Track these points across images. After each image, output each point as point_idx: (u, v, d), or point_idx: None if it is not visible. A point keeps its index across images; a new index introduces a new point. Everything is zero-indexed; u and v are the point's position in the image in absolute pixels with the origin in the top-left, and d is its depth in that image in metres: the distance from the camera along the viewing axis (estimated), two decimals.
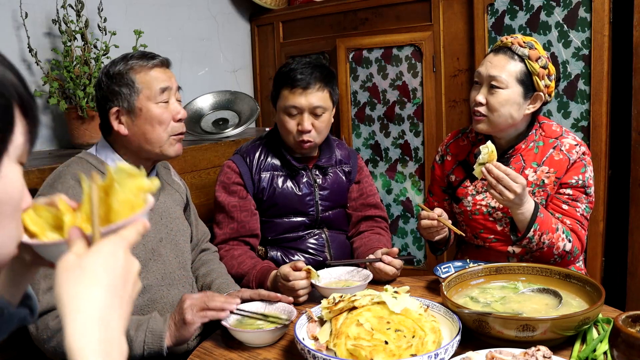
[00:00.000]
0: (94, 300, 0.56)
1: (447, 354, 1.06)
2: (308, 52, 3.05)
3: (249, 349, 1.25)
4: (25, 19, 2.19)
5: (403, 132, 2.78)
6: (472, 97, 1.64)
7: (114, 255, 0.60)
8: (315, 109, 1.74)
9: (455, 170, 1.76)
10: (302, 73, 1.72)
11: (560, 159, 1.61)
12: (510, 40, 1.59)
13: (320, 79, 1.74)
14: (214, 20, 3.11)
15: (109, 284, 0.58)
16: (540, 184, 1.62)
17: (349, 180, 1.94)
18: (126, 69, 1.44)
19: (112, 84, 1.43)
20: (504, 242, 1.67)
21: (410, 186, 2.80)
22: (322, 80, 1.74)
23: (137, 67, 1.44)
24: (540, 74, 1.56)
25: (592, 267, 2.31)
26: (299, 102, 1.73)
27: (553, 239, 1.53)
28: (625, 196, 2.23)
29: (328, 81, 1.77)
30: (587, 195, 1.62)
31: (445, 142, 1.83)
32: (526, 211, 1.51)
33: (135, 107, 1.43)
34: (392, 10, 2.75)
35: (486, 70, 1.59)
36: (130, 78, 1.43)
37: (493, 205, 1.66)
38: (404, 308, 1.18)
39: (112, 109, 1.43)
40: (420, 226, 1.63)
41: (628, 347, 0.96)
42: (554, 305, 1.26)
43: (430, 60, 2.63)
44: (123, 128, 1.44)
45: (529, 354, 1.03)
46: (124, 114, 1.44)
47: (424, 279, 1.60)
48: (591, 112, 2.25)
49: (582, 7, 2.22)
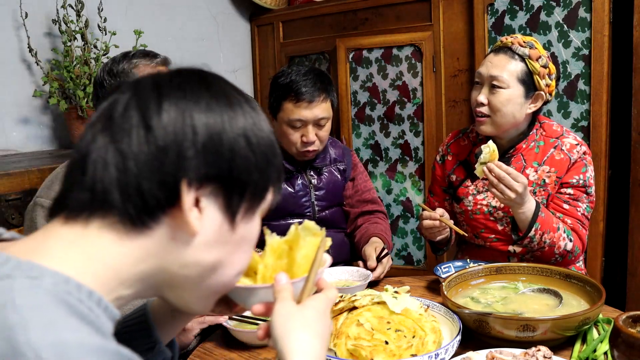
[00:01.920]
0: (313, 348, 0.67)
1: (447, 354, 1.06)
2: (308, 52, 3.05)
3: (249, 349, 1.25)
4: (25, 19, 2.19)
5: (403, 132, 2.78)
6: (473, 97, 1.64)
7: (325, 313, 0.71)
8: (320, 120, 1.75)
9: (456, 170, 1.76)
10: (305, 85, 1.71)
11: (561, 159, 1.61)
12: (511, 40, 1.59)
13: (323, 89, 1.74)
14: (214, 20, 3.11)
15: (322, 337, 0.69)
16: (541, 183, 1.62)
17: (344, 178, 1.94)
18: (130, 67, 1.42)
19: (115, 82, 1.42)
20: (504, 241, 1.67)
21: (410, 186, 2.80)
22: (324, 90, 1.74)
23: (142, 66, 1.43)
24: (541, 73, 1.57)
25: (592, 267, 2.31)
26: (305, 115, 1.72)
27: (554, 238, 1.53)
28: (625, 196, 2.23)
29: (330, 90, 1.77)
30: (588, 195, 1.62)
31: (445, 142, 1.83)
32: (527, 210, 1.51)
33: None
34: (392, 10, 2.75)
35: (487, 71, 1.59)
36: (135, 76, 1.41)
37: (494, 205, 1.66)
38: (404, 308, 1.18)
39: None
40: (422, 226, 1.63)
41: (628, 347, 0.96)
42: (555, 305, 1.26)
43: (430, 60, 2.63)
44: None
45: (530, 354, 1.03)
46: None
47: (424, 279, 1.60)
48: (591, 112, 2.25)
49: (582, 7, 2.22)
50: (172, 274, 0.63)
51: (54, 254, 0.56)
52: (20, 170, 1.79)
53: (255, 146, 0.62)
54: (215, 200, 0.61)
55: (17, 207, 1.77)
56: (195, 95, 0.60)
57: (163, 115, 0.58)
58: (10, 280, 0.51)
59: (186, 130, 0.58)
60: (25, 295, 0.50)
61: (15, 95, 2.26)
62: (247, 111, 0.63)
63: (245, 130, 0.62)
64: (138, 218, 0.57)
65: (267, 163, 0.64)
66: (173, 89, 0.60)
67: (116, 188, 0.57)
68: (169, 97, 0.59)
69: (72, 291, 0.53)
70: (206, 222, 0.61)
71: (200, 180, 0.59)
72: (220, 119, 0.60)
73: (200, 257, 0.62)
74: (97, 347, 0.49)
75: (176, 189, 0.58)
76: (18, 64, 2.27)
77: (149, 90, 0.59)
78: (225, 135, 0.60)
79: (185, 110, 0.58)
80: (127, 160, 0.57)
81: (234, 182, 0.61)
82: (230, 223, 0.63)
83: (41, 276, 0.52)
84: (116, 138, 0.57)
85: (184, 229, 0.59)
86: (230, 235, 0.63)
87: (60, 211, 0.60)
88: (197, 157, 0.58)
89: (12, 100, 2.26)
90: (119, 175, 0.57)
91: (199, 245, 0.61)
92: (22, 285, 0.50)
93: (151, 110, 0.58)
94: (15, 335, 0.46)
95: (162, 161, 0.57)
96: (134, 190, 0.57)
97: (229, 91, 0.63)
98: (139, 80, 0.62)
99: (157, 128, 0.57)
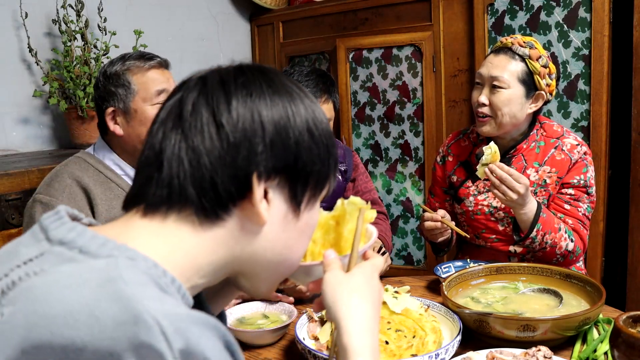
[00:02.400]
0: (364, 311, 0.70)
1: (447, 354, 1.06)
2: (308, 52, 3.05)
3: (249, 348, 1.25)
4: (25, 19, 2.19)
5: (403, 132, 2.78)
6: (474, 98, 1.64)
7: (372, 277, 0.75)
8: None
9: (456, 171, 1.76)
10: (307, 86, 1.70)
11: (562, 159, 1.61)
12: (511, 41, 1.60)
13: (325, 90, 1.73)
14: (214, 20, 3.11)
15: (372, 301, 0.72)
16: (542, 183, 1.62)
17: (345, 179, 1.94)
18: (123, 69, 1.42)
19: (108, 84, 1.42)
20: (505, 242, 1.67)
21: (410, 186, 2.80)
22: (326, 92, 1.74)
23: (134, 68, 1.43)
24: (542, 73, 1.57)
25: (592, 267, 2.31)
26: None
27: (556, 238, 1.54)
28: (625, 196, 2.23)
29: (332, 91, 1.76)
30: (589, 195, 1.62)
31: (446, 143, 1.84)
32: (529, 211, 1.51)
33: (131, 108, 1.41)
34: (392, 10, 2.75)
35: (487, 71, 1.59)
36: (127, 79, 1.41)
37: (495, 205, 1.66)
38: (404, 308, 1.18)
39: (108, 109, 1.42)
40: (423, 228, 1.63)
41: (629, 347, 0.96)
42: (555, 305, 1.26)
43: (430, 60, 2.63)
44: (118, 129, 1.43)
45: (530, 354, 1.03)
46: (119, 115, 1.42)
47: (425, 279, 1.60)
48: (591, 112, 2.25)
49: (582, 7, 2.22)
50: (242, 262, 0.66)
51: (140, 242, 0.60)
52: (20, 170, 1.79)
53: (317, 137, 0.65)
54: (281, 191, 0.64)
55: (17, 207, 1.77)
56: (260, 92, 0.63)
57: (232, 113, 0.61)
58: (114, 259, 0.55)
59: (255, 126, 0.61)
60: (130, 273, 0.53)
61: (15, 95, 2.26)
62: (307, 104, 0.66)
63: (307, 122, 0.65)
64: (212, 210, 0.61)
65: (328, 153, 0.67)
66: (239, 87, 0.62)
67: (191, 183, 0.60)
68: (236, 95, 0.62)
69: (160, 275, 0.57)
70: (273, 212, 0.64)
71: (269, 173, 0.62)
72: (285, 114, 0.63)
73: (267, 245, 0.66)
74: (201, 318, 0.53)
75: (248, 182, 0.61)
76: (18, 64, 2.27)
77: (216, 88, 0.62)
78: (291, 129, 0.63)
79: (253, 107, 0.62)
80: (200, 157, 0.60)
81: (299, 173, 0.64)
82: (294, 212, 0.66)
83: (136, 258, 0.56)
84: (189, 136, 0.61)
85: (253, 219, 0.63)
86: (295, 223, 0.67)
87: (135, 204, 0.64)
88: (266, 151, 0.61)
89: (12, 100, 2.26)
90: (193, 171, 0.60)
91: (267, 234, 0.65)
92: (126, 264, 0.54)
93: (221, 108, 0.61)
94: (134, 304, 0.49)
95: (234, 157, 0.60)
96: (208, 184, 0.60)
97: (288, 85, 0.66)
98: (204, 77, 0.64)
99: (227, 125, 0.60)
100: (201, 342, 0.51)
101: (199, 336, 0.51)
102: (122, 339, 0.47)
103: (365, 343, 0.68)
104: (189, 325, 0.51)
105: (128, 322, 0.48)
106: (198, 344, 0.50)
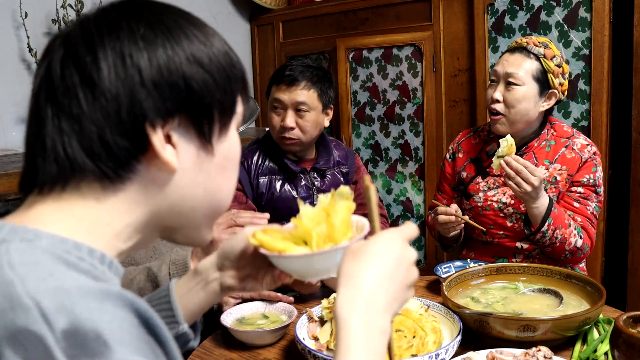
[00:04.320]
0: (366, 278, 0.62)
1: (447, 354, 1.06)
2: (308, 52, 3.05)
3: (249, 348, 1.25)
4: (25, 19, 2.19)
5: (403, 132, 2.78)
6: (488, 95, 1.67)
7: (391, 242, 0.66)
8: (299, 105, 1.72)
9: (467, 167, 1.79)
10: (291, 70, 1.73)
11: (572, 157, 1.64)
12: (526, 41, 1.64)
13: (308, 78, 1.73)
14: (214, 20, 3.11)
15: (382, 268, 0.64)
16: (553, 180, 1.65)
17: (347, 181, 1.94)
18: None
19: None
20: (512, 238, 1.69)
21: (410, 186, 2.80)
22: (310, 79, 1.73)
23: None
24: (555, 72, 1.61)
25: (592, 267, 2.31)
26: (282, 97, 1.73)
27: (565, 234, 1.55)
28: (625, 196, 2.23)
29: (317, 81, 1.75)
30: (597, 195, 1.65)
31: (456, 140, 1.86)
32: (541, 205, 1.53)
33: None
34: (392, 10, 2.75)
35: (503, 68, 1.63)
36: None
37: (504, 201, 1.68)
38: (404, 308, 1.18)
39: None
40: (436, 222, 1.65)
41: (629, 347, 0.96)
42: (555, 305, 1.26)
43: (430, 60, 2.63)
44: None
45: (530, 355, 1.03)
46: None
47: (425, 279, 1.60)
48: (591, 112, 2.25)
49: (582, 7, 2.22)
50: (164, 216, 0.62)
51: (45, 219, 0.56)
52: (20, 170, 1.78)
53: (208, 66, 0.60)
54: (186, 131, 0.60)
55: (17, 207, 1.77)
56: (129, 32, 0.57)
57: (101, 65, 0.55)
58: (6, 244, 0.51)
59: (130, 72, 0.56)
60: (22, 254, 0.50)
61: (15, 95, 2.26)
62: (192, 34, 0.61)
63: (193, 53, 0.59)
64: (114, 173, 0.57)
65: (227, 77, 0.62)
66: (104, 34, 0.56)
67: (81, 152, 0.56)
68: (102, 44, 0.56)
69: (70, 250, 0.53)
70: (183, 155, 0.60)
71: (163, 116, 0.57)
72: (162, 51, 0.57)
73: (187, 191, 0.62)
74: (98, 289, 0.49)
75: (142, 133, 0.56)
76: (18, 64, 2.27)
77: (80, 42, 0.56)
78: (173, 64, 0.57)
79: (124, 52, 0.56)
80: (82, 122, 0.55)
81: (199, 108, 0.59)
82: (207, 149, 0.62)
83: (37, 238, 0.52)
84: (64, 103, 0.55)
85: (163, 169, 0.59)
86: (211, 160, 0.63)
87: (32, 186, 0.59)
88: (151, 95, 0.56)
89: (12, 100, 2.26)
90: (79, 138, 0.55)
91: (182, 179, 0.61)
92: (18, 247, 0.51)
93: (88, 63, 0.55)
94: (12, 289, 0.46)
95: (117, 110, 0.55)
96: (99, 148, 0.55)
97: (166, 19, 0.60)
98: (67, 33, 0.59)
99: (99, 80, 0.55)
100: (93, 316, 0.46)
101: (91, 310, 0.47)
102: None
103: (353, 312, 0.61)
104: (80, 299, 0.47)
105: (6, 309, 0.45)
106: (89, 319, 0.46)
